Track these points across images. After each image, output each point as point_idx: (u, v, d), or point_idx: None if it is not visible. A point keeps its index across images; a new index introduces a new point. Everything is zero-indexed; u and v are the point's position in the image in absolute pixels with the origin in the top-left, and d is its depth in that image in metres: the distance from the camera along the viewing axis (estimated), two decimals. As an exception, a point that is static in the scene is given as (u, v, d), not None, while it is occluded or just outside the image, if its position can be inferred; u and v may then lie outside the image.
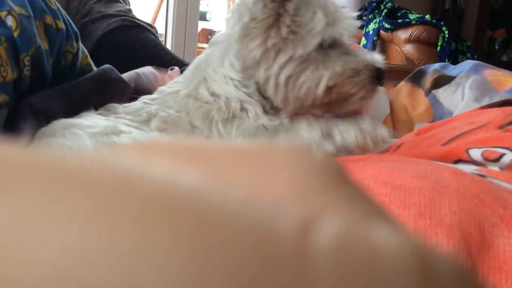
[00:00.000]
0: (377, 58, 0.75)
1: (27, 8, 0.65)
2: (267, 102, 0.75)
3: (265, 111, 0.74)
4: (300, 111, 0.79)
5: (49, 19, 0.70)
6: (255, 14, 0.70)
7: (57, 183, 0.07)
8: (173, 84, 0.79)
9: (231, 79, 0.73)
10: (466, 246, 0.27)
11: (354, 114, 1.08)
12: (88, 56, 0.90)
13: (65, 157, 0.08)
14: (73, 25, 0.79)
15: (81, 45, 0.84)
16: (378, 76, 0.74)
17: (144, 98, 0.76)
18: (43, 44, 0.68)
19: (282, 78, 0.70)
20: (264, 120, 0.72)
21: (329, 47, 0.72)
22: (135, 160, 0.09)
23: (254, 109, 0.72)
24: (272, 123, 0.73)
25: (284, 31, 0.68)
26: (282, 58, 0.69)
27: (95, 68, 0.91)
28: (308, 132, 0.71)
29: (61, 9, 0.75)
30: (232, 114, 0.71)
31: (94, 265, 0.07)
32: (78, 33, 0.81)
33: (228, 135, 0.71)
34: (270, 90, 0.72)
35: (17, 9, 0.63)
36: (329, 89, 0.71)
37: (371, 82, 0.74)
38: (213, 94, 0.72)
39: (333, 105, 0.75)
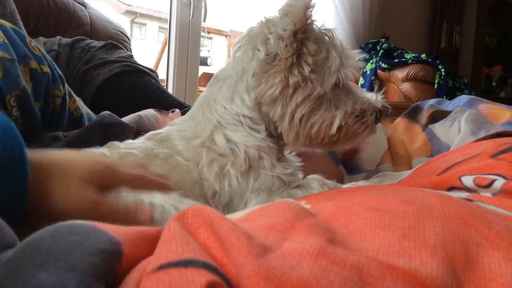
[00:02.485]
0: (377, 98, 0.77)
1: (10, 52, 0.66)
2: (276, 142, 0.75)
3: (277, 158, 0.74)
4: (307, 148, 0.81)
5: (33, 64, 0.72)
6: (274, 51, 0.70)
7: None
8: (180, 125, 0.76)
9: (244, 116, 0.73)
10: (450, 265, 0.27)
11: (352, 151, 1.10)
12: (77, 100, 0.90)
13: None
14: (58, 69, 0.80)
15: (68, 89, 0.85)
16: (380, 116, 0.77)
17: (151, 138, 0.73)
18: (28, 87, 0.70)
19: (298, 115, 0.71)
20: (280, 169, 0.72)
21: (336, 86, 0.73)
22: None
23: (270, 157, 0.72)
24: (287, 171, 0.73)
25: (306, 70, 0.69)
26: (300, 96, 0.70)
27: (83, 112, 0.92)
28: (319, 190, 0.72)
29: (45, 55, 0.77)
30: (249, 165, 0.70)
31: None
32: (64, 78, 0.82)
33: (243, 189, 0.69)
34: (284, 127, 0.72)
35: None
36: (339, 128, 0.72)
37: (375, 122, 0.76)
38: (229, 141, 0.71)
39: (338, 144, 0.77)
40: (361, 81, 2.83)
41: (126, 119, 1.07)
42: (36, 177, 0.44)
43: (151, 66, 1.50)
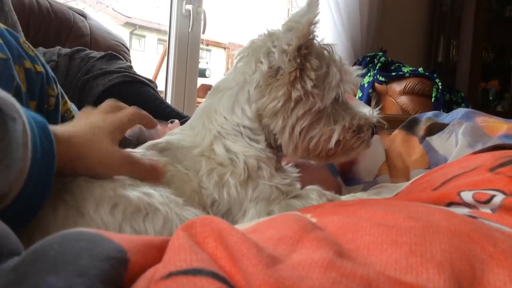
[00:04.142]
0: (374, 113, 0.79)
1: (5, 52, 0.66)
2: (275, 153, 0.76)
3: (275, 168, 0.75)
4: (305, 159, 0.82)
5: (28, 64, 0.71)
6: (277, 64, 0.71)
7: None
8: (180, 135, 0.76)
9: (244, 127, 0.73)
10: (457, 282, 0.27)
11: (349, 162, 1.10)
12: (68, 102, 0.88)
13: None
14: (50, 70, 0.80)
15: (60, 90, 0.84)
16: (376, 131, 0.79)
17: (151, 148, 0.73)
18: (23, 87, 0.69)
19: (298, 128, 0.72)
20: (278, 179, 0.73)
21: (336, 101, 0.74)
22: None
23: (269, 168, 0.72)
24: (285, 181, 0.73)
25: (309, 84, 0.70)
26: (301, 110, 0.71)
27: (75, 115, 0.91)
28: (317, 201, 0.73)
29: (38, 55, 0.76)
30: (248, 175, 0.70)
31: None
32: (56, 79, 0.81)
33: (242, 198, 0.70)
34: (284, 140, 0.73)
35: None
36: (337, 142, 0.74)
37: (371, 137, 0.78)
38: (229, 151, 0.71)
39: (335, 157, 0.78)
40: (359, 93, 2.84)
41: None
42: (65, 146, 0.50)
43: (150, 78, 1.50)
